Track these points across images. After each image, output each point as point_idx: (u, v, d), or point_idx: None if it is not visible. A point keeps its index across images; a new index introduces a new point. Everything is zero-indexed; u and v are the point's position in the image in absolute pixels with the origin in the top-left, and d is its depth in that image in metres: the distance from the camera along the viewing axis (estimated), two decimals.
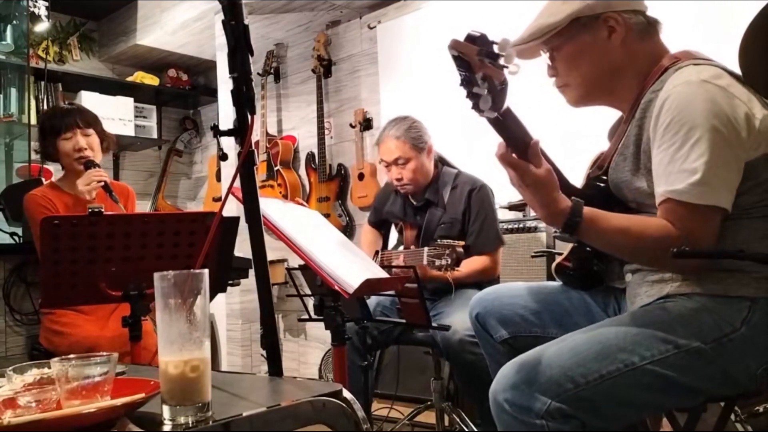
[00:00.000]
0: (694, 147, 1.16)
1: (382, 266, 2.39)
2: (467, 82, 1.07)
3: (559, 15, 1.31)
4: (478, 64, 1.06)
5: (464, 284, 2.33)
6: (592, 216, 1.21)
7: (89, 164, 2.37)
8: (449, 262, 2.10)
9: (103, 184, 2.34)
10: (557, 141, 2.13)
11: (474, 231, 2.38)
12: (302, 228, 1.73)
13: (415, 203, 2.53)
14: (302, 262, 1.68)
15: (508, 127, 1.16)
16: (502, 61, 1.07)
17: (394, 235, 2.72)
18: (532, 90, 2.07)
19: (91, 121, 2.45)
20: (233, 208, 2.94)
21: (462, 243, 2.15)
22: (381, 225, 2.74)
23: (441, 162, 2.54)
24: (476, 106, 1.08)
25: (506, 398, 1.18)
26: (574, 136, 2.51)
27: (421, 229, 2.46)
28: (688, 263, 1.19)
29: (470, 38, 1.08)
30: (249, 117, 1.16)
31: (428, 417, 2.72)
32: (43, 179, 3.06)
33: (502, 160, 1.18)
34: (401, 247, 2.57)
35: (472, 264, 2.36)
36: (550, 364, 1.18)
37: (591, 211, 1.21)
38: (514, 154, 1.18)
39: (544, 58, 1.41)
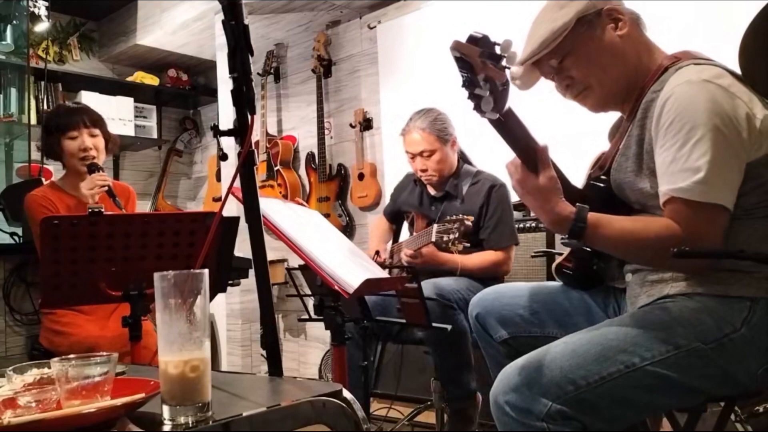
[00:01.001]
0: (696, 145, 1.15)
1: (384, 264, 2.40)
2: (469, 84, 1.07)
3: (564, 17, 1.30)
4: (480, 66, 1.05)
5: (470, 276, 2.34)
6: (596, 221, 1.21)
7: (93, 168, 2.35)
8: (457, 236, 2.11)
9: (106, 188, 2.33)
10: (558, 142, 2.12)
11: (490, 225, 2.40)
12: (302, 228, 1.73)
13: (433, 194, 2.54)
14: (302, 262, 1.68)
15: (510, 128, 1.16)
16: (504, 63, 1.07)
17: (405, 233, 2.72)
18: (534, 90, 2.07)
19: (97, 120, 2.44)
20: (233, 208, 2.94)
21: (471, 218, 2.15)
22: (395, 217, 2.74)
23: (462, 158, 2.56)
24: (478, 108, 1.08)
25: (507, 401, 1.18)
26: (575, 137, 2.51)
27: (434, 220, 2.46)
28: (693, 263, 1.18)
29: (472, 39, 1.08)
30: (249, 117, 1.16)
31: (428, 417, 2.72)
32: (43, 179, 3.06)
33: (511, 166, 1.19)
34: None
35: (484, 256, 2.38)
36: (551, 366, 1.17)
37: (594, 215, 1.21)
38: (516, 156, 1.18)
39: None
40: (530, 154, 1.21)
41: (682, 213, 1.17)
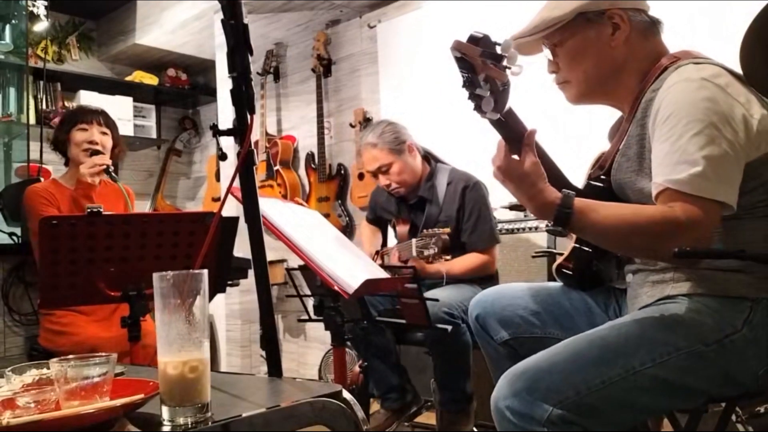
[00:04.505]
0: (693, 138, 1.14)
1: (384, 266, 2.40)
2: (470, 84, 1.07)
3: (564, 9, 1.30)
4: (480, 66, 1.05)
5: (459, 280, 2.33)
6: (582, 207, 1.17)
7: (95, 153, 2.40)
8: (436, 251, 2.10)
9: (105, 167, 2.37)
10: (558, 142, 2.13)
11: (468, 228, 2.37)
12: (301, 228, 1.73)
13: (409, 201, 2.51)
14: (302, 263, 1.68)
15: (510, 128, 1.15)
16: (504, 63, 1.07)
17: (392, 233, 2.71)
18: (534, 90, 2.07)
19: (111, 124, 2.51)
20: (233, 208, 2.93)
21: (447, 230, 2.14)
22: (378, 222, 2.74)
23: (431, 157, 2.52)
24: (479, 108, 1.08)
25: (507, 406, 1.17)
26: (577, 138, 2.51)
27: (416, 225, 2.45)
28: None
29: (473, 39, 1.08)
30: (248, 116, 1.16)
31: (429, 418, 2.72)
32: (42, 179, 3.06)
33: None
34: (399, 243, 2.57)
35: (466, 260, 2.36)
36: (551, 370, 1.17)
37: (582, 201, 1.18)
38: (515, 156, 1.17)
39: (544, 57, 1.40)
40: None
41: (678, 202, 1.13)
